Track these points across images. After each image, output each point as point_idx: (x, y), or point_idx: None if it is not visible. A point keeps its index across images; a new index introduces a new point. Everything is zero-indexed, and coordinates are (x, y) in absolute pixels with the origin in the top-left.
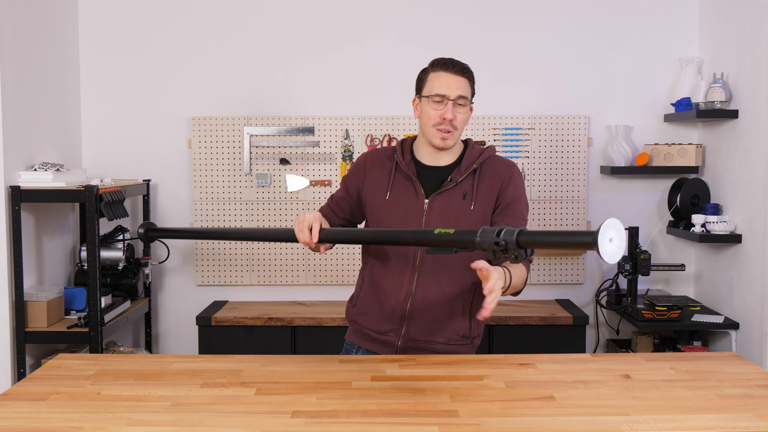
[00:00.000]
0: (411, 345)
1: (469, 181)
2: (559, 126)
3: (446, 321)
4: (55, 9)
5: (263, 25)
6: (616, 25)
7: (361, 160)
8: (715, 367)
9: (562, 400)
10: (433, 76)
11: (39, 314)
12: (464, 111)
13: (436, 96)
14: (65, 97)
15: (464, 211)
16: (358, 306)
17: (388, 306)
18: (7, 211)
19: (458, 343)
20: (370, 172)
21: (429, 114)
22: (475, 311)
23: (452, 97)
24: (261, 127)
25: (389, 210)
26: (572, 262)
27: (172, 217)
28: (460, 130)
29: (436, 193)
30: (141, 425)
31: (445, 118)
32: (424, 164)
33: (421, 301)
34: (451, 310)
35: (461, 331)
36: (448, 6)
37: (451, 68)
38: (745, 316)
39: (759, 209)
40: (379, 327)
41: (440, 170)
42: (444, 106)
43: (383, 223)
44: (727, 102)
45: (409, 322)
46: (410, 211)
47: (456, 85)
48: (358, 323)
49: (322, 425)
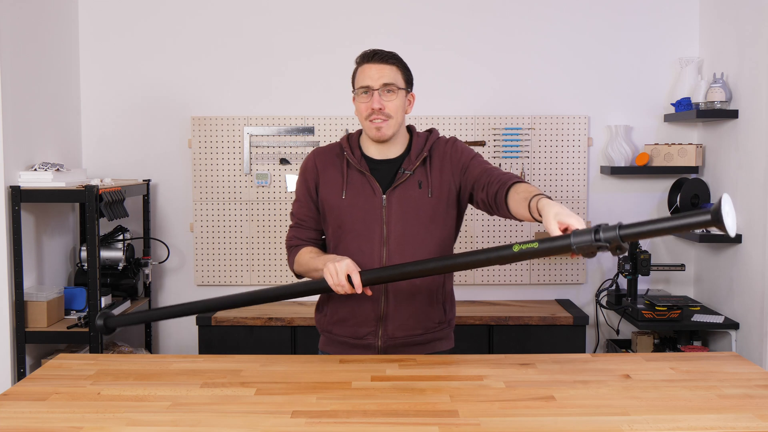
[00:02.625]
0: (392, 343)
1: (422, 170)
2: (559, 126)
3: (422, 312)
4: (55, 9)
5: (263, 25)
6: (616, 25)
7: (310, 163)
8: (715, 367)
9: (562, 400)
10: (358, 71)
11: (39, 314)
12: (394, 98)
13: (361, 89)
14: (65, 97)
15: (423, 200)
16: (329, 315)
17: (362, 310)
18: (7, 211)
19: (436, 330)
20: (322, 171)
21: (359, 108)
22: (448, 295)
23: (376, 87)
24: (261, 127)
25: (348, 209)
26: (572, 262)
27: (173, 217)
28: (397, 118)
29: (391, 188)
30: (141, 425)
31: (373, 109)
32: (374, 159)
33: (395, 299)
34: (426, 301)
35: (437, 318)
36: (448, 6)
37: (373, 58)
38: (745, 316)
39: (759, 209)
40: (356, 332)
41: (391, 163)
42: (370, 97)
43: (344, 224)
44: (727, 102)
45: (386, 321)
46: (369, 208)
47: (378, 75)
48: (333, 333)
49: (322, 425)
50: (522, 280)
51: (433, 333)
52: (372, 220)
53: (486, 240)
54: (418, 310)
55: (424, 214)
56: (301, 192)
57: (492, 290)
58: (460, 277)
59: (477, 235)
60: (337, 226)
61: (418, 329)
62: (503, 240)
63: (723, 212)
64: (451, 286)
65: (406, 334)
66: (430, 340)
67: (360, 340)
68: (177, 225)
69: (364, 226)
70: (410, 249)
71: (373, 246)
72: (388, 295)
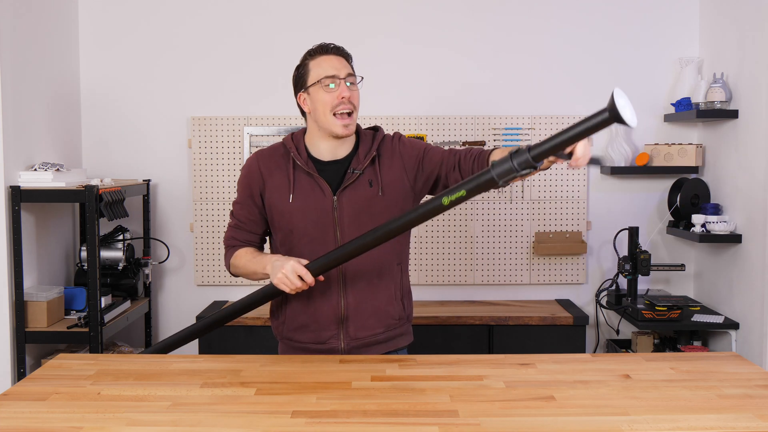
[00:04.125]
0: (354, 344)
1: (371, 169)
2: (559, 126)
3: (382, 310)
4: (55, 10)
5: (263, 25)
6: (616, 25)
7: (252, 165)
8: (715, 367)
9: (562, 400)
10: (315, 63)
11: (39, 314)
12: (356, 90)
13: (326, 78)
14: (65, 97)
15: (375, 199)
16: (287, 322)
17: (323, 314)
18: (7, 211)
19: (397, 326)
20: (267, 177)
21: (324, 100)
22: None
23: (342, 76)
24: (261, 127)
25: (298, 212)
26: (573, 262)
27: (172, 216)
28: (357, 112)
29: (341, 189)
30: (141, 425)
31: (343, 97)
32: (321, 160)
33: (354, 301)
34: (385, 299)
35: (396, 314)
36: (448, 6)
37: (332, 50)
38: (745, 316)
39: (759, 209)
40: (318, 337)
41: (339, 163)
42: (338, 86)
43: (295, 228)
44: (727, 102)
45: (346, 322)
46: (320, 211)
47: (341, 65)
48: (294, 339)
49: (322, 425)
50: (522, 280)
51: (393, 330)
52: (324, 223)
53: (486, 240)
54: (377, 308)
55: (377, 213)
56: (243, 195)
57: (492, 290)
58: (459, 277)
59: (477, 236)
60: (288, 231)
61: (379, 327)
62: (504, 240)
63: (618, 106)
64: (407, 282)
65: (368, 333)
66: (392, 337)
67: (322, 344)
68: (177, 225)
69: (317, 229)
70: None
71: (327, 248)
72: (347, 296)
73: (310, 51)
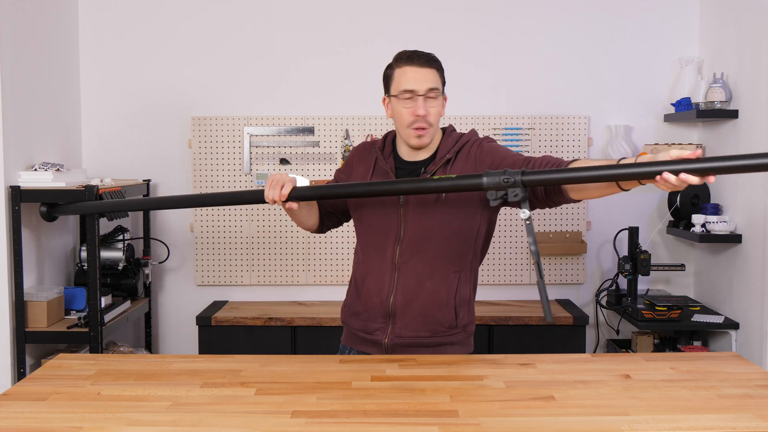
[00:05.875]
0: (398, 342)
1: (442, 171)
2: (559, 126)
3: (430, 314)
4: (56, 9)
5: (263, 25)
6: (617, 25)
7: (352, 154)
8: (715, 367)
9: (562, 400)
10: (399, 73)
11: (39, 314)
12: (436, 104)
13: (405, 93)
14: (65, 97)
15: (438, 202)
16: (347, 308)
17: (372, 306)
18: (7, 211)
19: (446, 335)
20: (355, 166)
21: (401, 113)
22: (462, 301)
23: (421, 92)
24: (261, 127)
25: (368, 205)
26: (573, 262)
27: (172, 216)
28: (436, 125)
29: None
30: (141, 425)
31: (418, 115)
32: (403, 159)
33: (403, 298)
34: (435, 304)
35: (447, 322)
36: (447, 7)
37: (417, 61)
38: (745, 316)
39: (759, 209)
40: (367, 327)
41: (419, 163)
42: (414, 102)
43: (364, 219)
44: (727, 102)
45: (394, 319)
46: (387, 206)
47: (424, 78)
48: (350, 325)
49: (322, 425)
50: (522, 280)
51: (442, 337)
52: (389, 218)
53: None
54: (426, 312)
55: (438, 215)
56: (339, 172)
57: (492, 290)
58: None
59: None
60: (359, 219)
61: (424, 331)
62: (503, 240)
63: None
64: (467, 292)
65: (412, 334)
66: (440, 343)
67: (369, 335)
68: (177, 225)
69: (382, 222)
70: (422, 249)
71: (387, 242)
72: (397, 293)
73: (399, 55)
